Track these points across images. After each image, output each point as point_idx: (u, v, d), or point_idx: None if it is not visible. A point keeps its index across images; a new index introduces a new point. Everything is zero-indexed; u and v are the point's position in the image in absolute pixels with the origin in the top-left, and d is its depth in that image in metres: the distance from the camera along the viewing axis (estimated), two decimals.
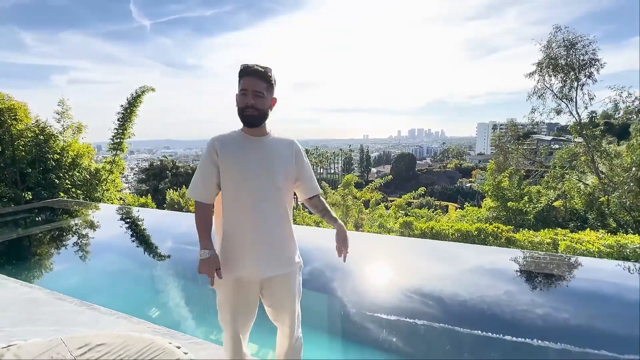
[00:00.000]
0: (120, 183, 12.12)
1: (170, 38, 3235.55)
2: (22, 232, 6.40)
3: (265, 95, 1.36)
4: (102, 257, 5.07)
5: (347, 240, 1.55)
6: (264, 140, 1.45)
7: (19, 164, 9.00)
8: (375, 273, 4.21)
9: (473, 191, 35.54)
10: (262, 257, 1.42)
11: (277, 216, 1.44)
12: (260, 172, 1.41)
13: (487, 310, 3.17)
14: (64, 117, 10.12)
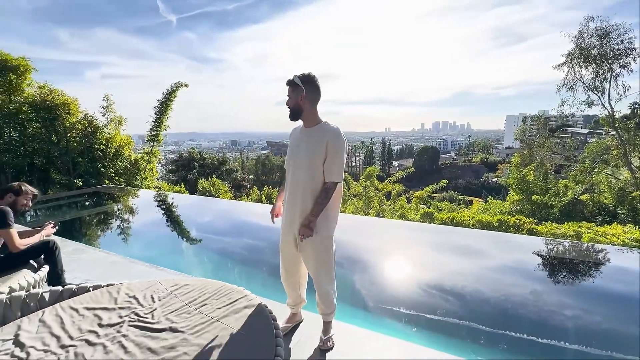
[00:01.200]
0: (156, 172, 13.04)
1: (194, 32, 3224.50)
2: (84, 212, 7.28)
3: (291, 95, 1.81)
4: (154, 232, 5.74)
5: (302, 229, 1.78)
6: (310, 129, 1.85)
7: (71, 153, 9.99)
8: (397, 265, 4.28)
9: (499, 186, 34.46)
10: (292, 217, 1.88)
11: (307, 190, 1.82)
12: (299, 154, 1.86)
13: (510, 307, 3.18)
14: (108, 111, 11.02)
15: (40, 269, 2.38)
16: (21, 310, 1.68)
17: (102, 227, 6.04)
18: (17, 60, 9.02)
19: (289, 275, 2.04)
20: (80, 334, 1.51)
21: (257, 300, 1.76)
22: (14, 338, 1.46)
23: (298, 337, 2.03)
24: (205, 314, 1.63)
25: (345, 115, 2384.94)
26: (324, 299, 1.95)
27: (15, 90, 9.15)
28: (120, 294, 1.83)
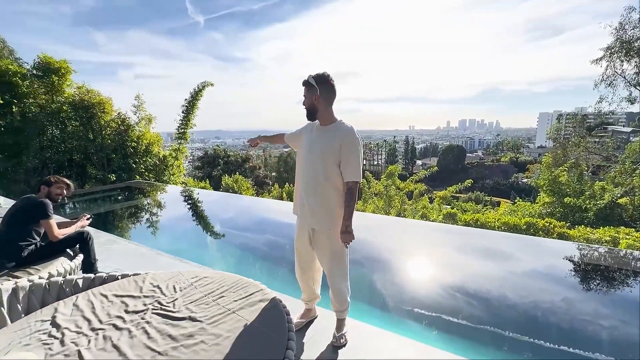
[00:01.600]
0: (183, 169, 13.57)
1: (221, 32, 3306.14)
2: (117, 205, 7.73)
3: (306, 95, 1.84)
4: (179, 226, 6.00)
5: (343, 236, 1.79)
6: (325, 128, 1.87)
7: (106, 150, 10.60)
8: (418, 265, 4.23)
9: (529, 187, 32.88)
10: (306, 214, 1.93)
11: (321, 188, 1.84)
12: (313, 152, 1.88)
13: (539, 315, 3.05)
14: (139, 109, 11.59)
15: (76, 257, 2.56)
16: (58, 294, 1.83)
17: (132, 220, 6.39)
18: (58, 63, 9.67)
19: (303, 272, 2.08)
20: (108, 319, 1.62)
21: (272, 294, 1.80)
22: (52, 319, 1.60)
23: (312, 333, 2.07)
24: (222, 306, 1.70)
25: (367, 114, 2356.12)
26: (338, 296, 1.97)
27: (57, 91, 9.82)
28: (146, 283, 1.94)
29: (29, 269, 2.28)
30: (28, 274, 2.20)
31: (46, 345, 1.43)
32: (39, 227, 2.47)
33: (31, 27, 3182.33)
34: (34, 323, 1.58)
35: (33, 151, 9.39)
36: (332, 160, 1.81)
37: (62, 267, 2.35)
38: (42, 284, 1.80)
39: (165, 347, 1.41)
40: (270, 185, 24.35)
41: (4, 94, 8.68)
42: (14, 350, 1.40)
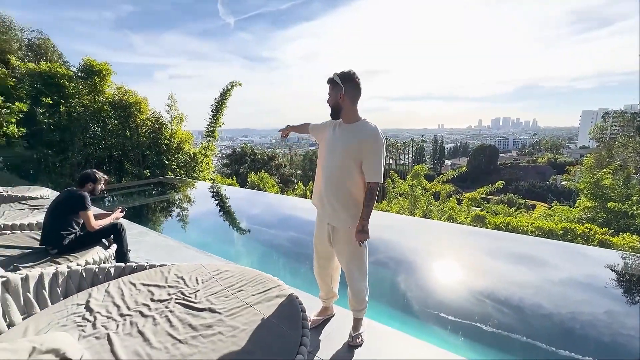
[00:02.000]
0: (212, 166, 14.06)
1: (250, 33, 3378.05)
2: (150, 199, 8.17)
3: (331, 93, 1.83)
4: (206, 221, 6.23)
5: (359, 235, 1.78)
6: (349, 126, 1.85)
7: (141, 147, 11.21)
8: (443, 268, 4.11)
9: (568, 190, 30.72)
10: (325, 212, 1.93)
11: (342, 187, 1.84)
12: (335, 150, 1.87)
13: (578, 327, 2.88)
14: (172, 109, 12.13)
15: (110, 247, 2.74)
16: (92, 280, 1.97)
17: (163, 214, 6.73)
18: (100, 65, 10.35)
19: (321, 269, 2.09)
20: (135, 306, 1.72)
21: (289, 291, 1.82)
22: (86, 303, 1.72)
23: (328, 331, 2.07)
24: (241, 299, 1.75)
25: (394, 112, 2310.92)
26: (356, 295, 1.96)
27: (98, 92, 10.52)
28: (170, 274, 2.04)
29: (69, 256, 2.47)
30: (68, 260, 2.39)
31: (80, 327, 1.54)
32: (79, 217, 2.66)
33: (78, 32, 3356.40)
34: (70, 306, 1.71)
35: (77, 147, 10.12)
36: (354, 159, 1.79)
37: (97, 256, 2.52)
38: (79, 271, 1.94)
39: (185, 335, 1.48)
40: (295, 183, 24.60)
41: (53, 95, 9.43)
42: (52, 329, 1.53)
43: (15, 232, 2.90)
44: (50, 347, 1.27)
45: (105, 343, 1.44)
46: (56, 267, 1.90)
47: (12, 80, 8.94)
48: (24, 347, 1.26)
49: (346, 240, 1.88)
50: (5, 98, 8.37)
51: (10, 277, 1.66)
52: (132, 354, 1.37)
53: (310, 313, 2.16)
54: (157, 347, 1.41)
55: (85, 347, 1.41)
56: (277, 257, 4.77)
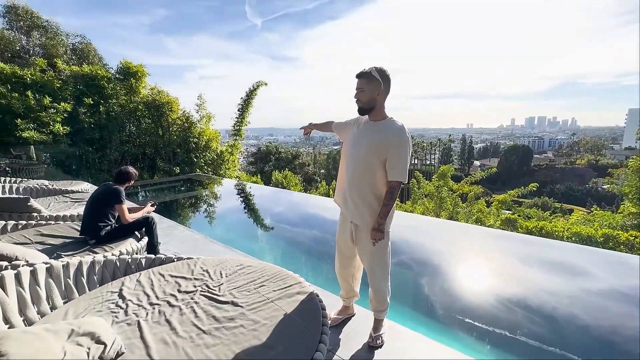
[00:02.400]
0: (238, 163, 14.43)
1: (276, 33, 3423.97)
2: (178, 195, 8.53)
3: (366, 89, 1.74)
4: (231, 217, 6.41)
5: (373, 233, 1.76)
6: (375, 124, 1.82)
7: (172, 145, 11.72)
8: (469, 272, 3.96)
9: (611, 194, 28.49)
10: (348, 210, 1.91)
11: (365, 185, 1.81)
12: (359, 148, 1.84)
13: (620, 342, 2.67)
14: (201, 108, 12.57)
15: (142, 239, 2.89)
16: (125, 270, 2.08)
17: (191, 209, 7.00)
18: (136, 67, 10.93)
19: (343, 267, 2.08)
20: (164, 296, 1.80)
21: (310, 288, 1.84)
22: (119, 291, 1.83)
23: (348, 330, 2.06)
24: (262, 294, 1.78)
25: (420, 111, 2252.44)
26: (378, 295, 1.94)
27: (134, 92, 11.11)
28: (197, 267, 2.12)
29: (105, 246, 2.63)
30: (104, 250, 2.55)
31: (113, 314, 1.64)
32: (114, 210, 2.83)
33: (117, 36, 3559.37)
34: (105, 293, 1.82)
35: (114, 145, 10.77)
36: (378, 157, 1.77)
37: (130, 247, 2.67)
38: (114, 260, 2.06)
39: (209, 326, 1.53)
40: (318, 182, 24.70)
41: (94, 96, 10.08)
42: (89, 314, 1.64)
43: (58, 223, 3.13)
44: (87, 331, 1.36)
45: (135, 329, 1.52)
46: (93, 256, 2.03)
47: (59, 82, 9.65)
48: (64, 328, 1.36)
49: (369, 240, 1.85)
50: (52, 99, 9.05)
51: (53, 264, 1.80)
52: (159, 341, 1.44)
53: (330, 311, 2.16)
54: (183, 336, 1.47)
55: (118, 332, 1.50)
56: (300, 254, 4.81)
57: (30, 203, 3.23)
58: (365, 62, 33.93)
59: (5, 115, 8.43)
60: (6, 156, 8.75)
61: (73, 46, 13.15)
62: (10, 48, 11.66)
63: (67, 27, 13.07)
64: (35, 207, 3.29)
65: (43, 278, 1.73)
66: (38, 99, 8.74)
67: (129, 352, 1.38)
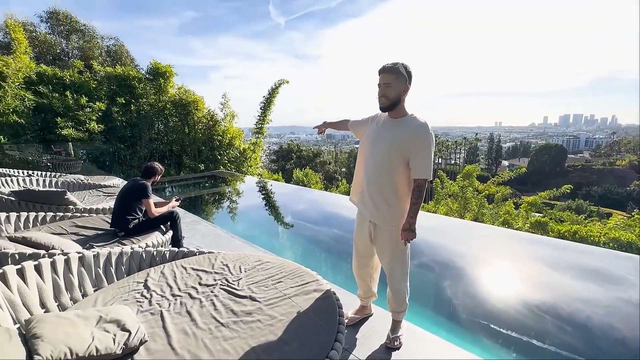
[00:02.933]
0: (260, 161, 14.66)
1: (299, 31, 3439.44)
2: (203, 191, 8.81)
3: (393, 85, 1.69)
4: (253, 214, 6.54)
5: (405, 233, 1.71)
6: (396, 121, 1.78)
7: (197, 143, 12.08)
8: (494, 275, 3.79)
9: None
10: (366, 209, 1.88)
11: (386, 184, 1.77)
12: (380, 146, 1.80)
13: None
14: (225, 107, 12.87)
15: (166, 232, 3.00)
16: (150, 262, 2.17)
17: (214, 205, 7.20)
18: (165, 68, 11.34)
19: (360, 267, 2.06)
20: (185, 288, 1.86)
21: (327, 286, 1.83)
22: (144, 282, 1.91)
23: (365, 330, 2.04)
24: (280, 290, 1.80)
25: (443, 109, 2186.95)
26: (396, 296, 1.90)
27: (162, 92, 11.55)
28: (217, 261, 2.17)
29: (133, 238, 2.76)
30: (132, 242, 2.67)
31: (138, 303, 1.72)
32: (141, 205, 2.95)
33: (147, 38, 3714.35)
34: (132, 283, 1.90)
35: (144, 142, 11.25)
36: (400, 155, 1.72)
37: (156, 240, 2.78)
38: (140, 252, 2.15)
39: (227, 319, 1.57)
40: (338, 180, 24.65)
41: (126, 95, 10.58)
42: (116, 302, 1.72)
43: (92, 215, 3.32)
44: (114, 318, 1.43)
45: (158, 319, 1.58)
46: (121, 247, 2.13)
47: (94, 82, 10.21)
48: (94, 315, 1.44)
49: (389, 239, 1.82)
50: (88, 98, 9.60)
51: (85, 254, 1.90)
52: (180, 331, 1.49)
53: (348, 310, 2.15)
54: (203, 327, 1.51)
55: (142, 321, 1.56)
56: (319, 252, 4.82)
57: (66, 196, 3.44)
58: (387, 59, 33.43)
59: (47, 114, 9.03)
60: (48, 152, 9.38)
61: (107, 48, 13.86)
62: (52, 51, 12.48)
63: (102, 31, 13.80)
64: (71, 200, 3.51)
65: (76, 267, 1.84)
66: (76, 98, 9.29)
67: (151, 340, 1.43)
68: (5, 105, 8.13)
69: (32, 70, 9.30)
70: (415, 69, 1.75)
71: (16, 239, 2.15)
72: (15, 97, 8.46)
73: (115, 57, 13.64)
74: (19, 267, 1.57)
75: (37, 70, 9.36)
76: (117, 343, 1.32)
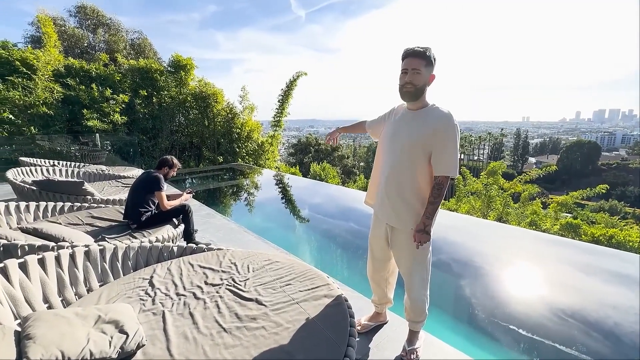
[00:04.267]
0: (277, 154, 14.65)
1: (320, 24, 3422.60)
2: (220, 183, 8.88)
3: (422, 71, 1.51)
4: (268, 208, 6.50)
5: (418, 235, 1.56)
6: (416, 112, 1.60)
7: (217, 135, 12.19)
8: (518, 278, 3.61)
9: None
10: (383, 209, 1.72)
11: (406, 181, 1.60)
12: (399, 139, 1.62)
13: None
14: (244, 100, 12.88)
15: (179, 226, 2.96)
16: (157, 257, 2.12)
17: (231, 198, 7.21)
18: (185, 60, 11.45)
19: (375, 271, 1.91)
20: (190, 287, 1.78)
21: (338, 291, 1.70)
22: (150, 279, 1.85)
23: (379, 339, 1.90)
24: (288, 294, 1.69)
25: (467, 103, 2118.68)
26: (415, 305, 1.74)
27: (183, 84, 11.69)
28: (225, 259, 2.09)
29: (144, 231, 2.73)
30: (142, 235, 2.64)
31: (142, 301, 1.65)
32: (154, 197, 2.93)
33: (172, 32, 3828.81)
34: (137, 279, 1.85)
35: (165, 134, 11.46)
36: (422, 149, 1.54)
37: (167, 233, 2.74)
38: (147, 247, 2.10)
39: (230, 324, 1.47)
40: (356, 175, 24.37)
41: (148, 88, 10.78)
42: (120, 299, 1.66)
43: (108, 206, 3.34)
44: (112, 318, 1.36)
45: (160, 320, 1.51)
46: (129, 242, 2.09)
47: (118, 75, 10.46)
48: (93, 314, 1.37)
49: (408, 244, 1.65)
50: (113, 91, 9.85)
51: (91, 248, 1.86)
52: (180, 335, 1.41)
53: (361, 316, 2.01)
54: (204, 332, 1.42)
55: (143, 321, 1.49)
56: (335, 248, 4.70)
57: (84, 187, 3.49)
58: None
59: (74, 106, 9.34)
60: (76, 143, 9.74)
61: (132, 42, 14.17)
62: (79, 44, 12.90)
63: (129, 25, 14.15)
64: (89, 191, 3.55)
65: (81, 261, 1.80)
66: (101, 90, 9.55)
67: (150, 343, 1.36)
68: (35, 97, 8.47)
69: (60, 63, 9.63)
70: (439, 61, 1.56)
71: (27, 230, 2.16)
72: (45, 89, 8.79)
73: (139, 50, 13.93)
74: (21, 261, 1.54)
75: (65, 63, 9.68)
76: (114, 346, 1.25)
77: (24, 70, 8.46)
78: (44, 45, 9.60)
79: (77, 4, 13.47)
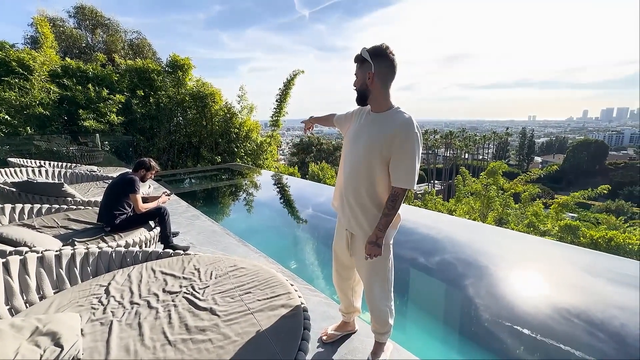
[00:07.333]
0: (276, 154, 14.59)
1: (324, 23, 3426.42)
2: (213, 184, 8.83)
3: (357, 73, 1.50)
4: (259, 210, 6.43)
5: (369, 246, 1.49)
6: (377, 115, 1.51)
7: (215, 135, 12.16)
8: (522, 278, 3.55)
9: None
10: (343, 216, 1.67)
11: (362, 190, 1.53)
12: (359, 144, 1.54)
13: None
14: (243, 99, 12.84)
15: (154, 229, 2.90)
16: (120, 263, 2.05)
17: (222, 200, 7.15)
18: (183, 60, 11.43)
19: (341, 280, 1.83)
20: (147, 294, 1.71)
21: (298, 301, 1.62)
22: (107, 285, 1.78)
23: (345, 351, 1.82)
24: (245, 303, 1.61)
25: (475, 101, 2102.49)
26: (376, 315, 1.66)
27: (181, 84, 11.67)
28: (189, 265, 2.02)
29: (116, 234, 2.67)
30: (113, 239, 2.58)
31: (92, 310, 1.58)
32: (129, 199, 2.87)
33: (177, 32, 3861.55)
34: (94, 286, 1.78)
35: (163, 134, 11.46)
36: (380, 156, 1.45)
37: (140, 237, 2.68)
38: (109, 252, 2.04)
39: (177, 336, 1.39)
40: None
41: (145, 88, 10.78)
42: (70, 308, 1.60)
43: (87, 208, 3.29)
44: (50, 330, 1.29)
45: (105, 330, 1.44)
46: (86, 247, 2.02)
47: (116, 75, 10.47)
48: (30, 325, 1.31)
49: (365, 253, 1.57)
50: (110, 91, 9.85)
51: (45, 254, 1.80)
52: (122, 348, 1.33)
53: (328, 325, 1.93)
54: (147, 344, 1.35)
55: (89, 332, 1.43)
56: (324, 250, 4.62)
57: (64, 188, 3.44)
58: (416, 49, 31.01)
59: (71, 106, 9.37)
60: (75, 143, 9.77)
61: (130, 42, 14.20)
62: (78, 45, 12.95)
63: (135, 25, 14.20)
64: (69, 192, 3.51)
65: (33, 267, 1.74)
66: (98, 91, 9.57)
67: (88, 356, 1.29)
68: (32, 97, 8.50)
69: (57, 63, 9.66)
70: (448, 59, 1.47)
71: None
72: (41, 90, 8.82)
73: (137, 50, 13.96)
74: None
75: (61, 64, 9.71)
76: None
77: (20, 70, 8.50)
78: (40, 46, 9.64)
79: (76, 4, 13.54)
